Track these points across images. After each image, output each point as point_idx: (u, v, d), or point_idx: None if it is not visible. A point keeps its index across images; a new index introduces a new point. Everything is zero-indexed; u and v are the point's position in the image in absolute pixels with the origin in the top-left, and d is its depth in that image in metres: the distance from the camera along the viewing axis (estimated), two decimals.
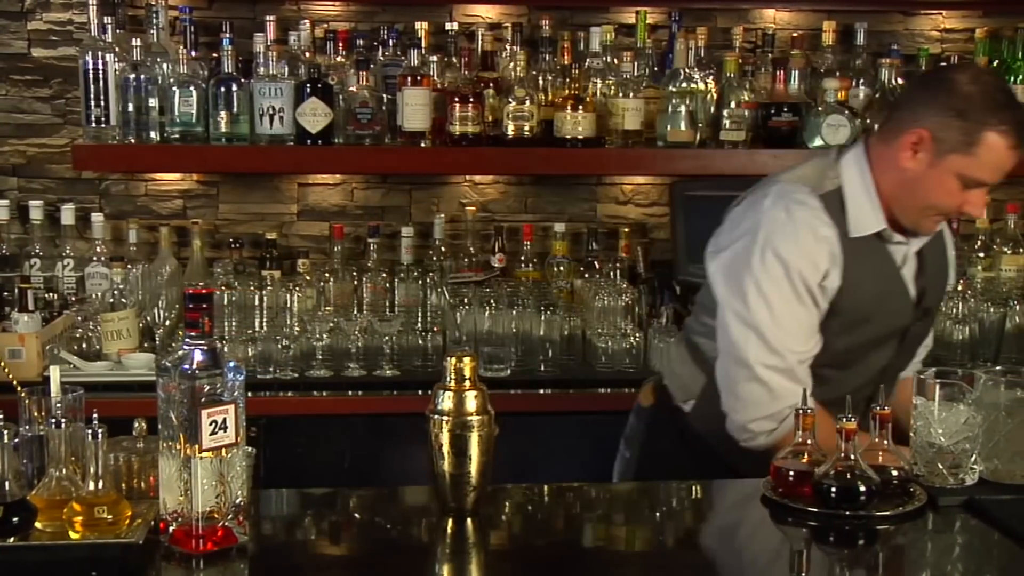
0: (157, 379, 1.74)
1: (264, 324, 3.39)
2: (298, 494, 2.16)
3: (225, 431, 1.73)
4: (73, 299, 3.49)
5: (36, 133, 3.69)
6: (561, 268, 3.70)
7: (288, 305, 3.40)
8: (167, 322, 3.35)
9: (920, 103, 2.25)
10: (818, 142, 3.52)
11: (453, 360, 1.92)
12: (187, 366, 1.72)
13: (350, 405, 3.22)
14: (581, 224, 3.85)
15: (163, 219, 3.71)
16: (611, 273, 3.66)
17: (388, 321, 3.37)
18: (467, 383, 1.92)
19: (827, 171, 2.35)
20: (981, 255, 3.74)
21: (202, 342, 1.74)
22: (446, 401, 1.91)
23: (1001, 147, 2.18)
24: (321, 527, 2.04)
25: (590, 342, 3.44)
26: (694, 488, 2.21)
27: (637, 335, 3.40)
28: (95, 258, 3.50)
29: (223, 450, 1.74)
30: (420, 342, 3.42)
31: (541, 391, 3.32)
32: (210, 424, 1.71)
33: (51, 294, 3.47)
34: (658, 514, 2.12)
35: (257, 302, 3.43)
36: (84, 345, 3.29)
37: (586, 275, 3.68)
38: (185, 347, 1.74)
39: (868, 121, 3.59)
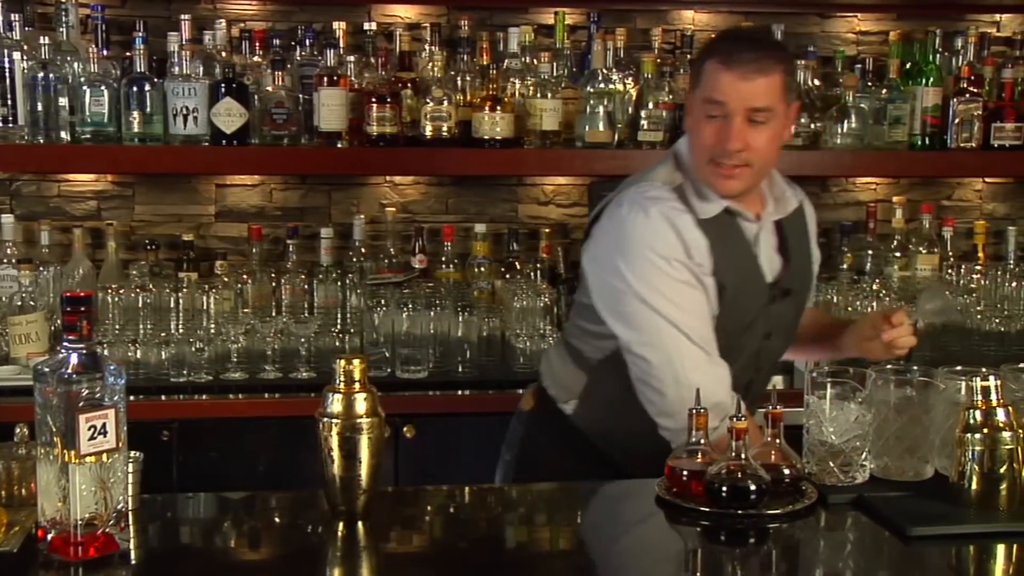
0: (35, 384, 1.71)
1: (180, 327, 3.35)
2: (190, 499, 2.13)
3: (105, 436, 1.70)
4: None
5: None
6: (482, 269, 3.69)
7: (205, 307, 3.37)
8: None
9: None
10: None
11: (342, 363, 1.90)
12: (64, 370, 1.69)
13: (265, 408, 3.20)
14: (502, 225, 3.85)
15: (77, 220, 3.66)
16: (532, 274, 3.66)
17: (304, 323, 3.35)
18: (357, 385, 1.90)
19: (670, 167, 2.40)
20: (897, 255, 3.78)
21: (81, 346, 1.71)
22: (335, 404, 1.89)
23: (715, 68, 2.26)
24: (210, 532, 2.02)
25: (509, 343, 3.43)
26: (588, 488, 2.22)
27: (555, 335, 3.40)
28: (4, 260, 3.44)
29: (104, 455, 1.71)
30: (337, 343, 3.40)
31: (459, 392, 3.32)
32: (89, 429, 1.68)
33: None
34: (548, 516, 2.11)
35: (173, 304, 3.40)
36: None
37: (507, 276, 3.68)
38: (63, 351, 1.71)
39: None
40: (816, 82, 3.75)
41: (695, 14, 3.88)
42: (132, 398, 2.98)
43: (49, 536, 1.72)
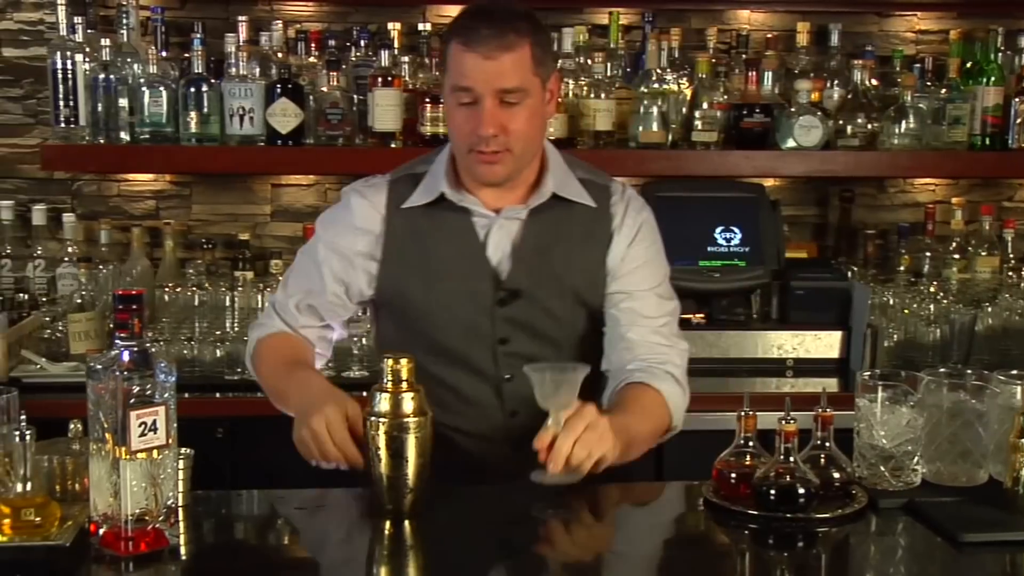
0: (87, 380, 1.74)
1: (235, 325, 3.38)
2: (240, 496, 2.15)
3: (155, 432, 1.73)
4: (44, 300, 3.49)
5: (7, 133, 3.70)
6: None
7: (259, 306, 3.40)
8: None
9: None
10: (790, 143, 3.52)
11: (390, 362, 1.91)
12: (116, 367, 1.71)
13: None
14: None
15: (135, 220, 3.71)
16: None
17: (357, 321, 3.36)
18: (404, 384, 1.91)
19: (431, 156, 2.39)
20: (956, 257, 3.73)
21: (132, 343, 1.74)
22: (382, 403, 1.90)
23: (457, 50, 2.17)
24: (259, 529, 2.04)
25: None
26: (637, 489, 2.21)
27: None
28: (66, 259, 3.50)
29: (153, 452, 1.73)
30: None
31: None
32: (139, 426, 1.71)
33: (22, 294, 3.47)
34: (595, 516, 2.11)
35: (228, 303, 3.43)
36: (52, 346, 3.30)
37: None
38: (115, 348, 1.74)
39: (840, 122, 3.58)
40: (874, 82, 3.70)
41: (751, 14, 3.85)
42: (187, 396, 3.03)
43: (101, 531, 1.75)
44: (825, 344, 3.43)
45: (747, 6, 3.85)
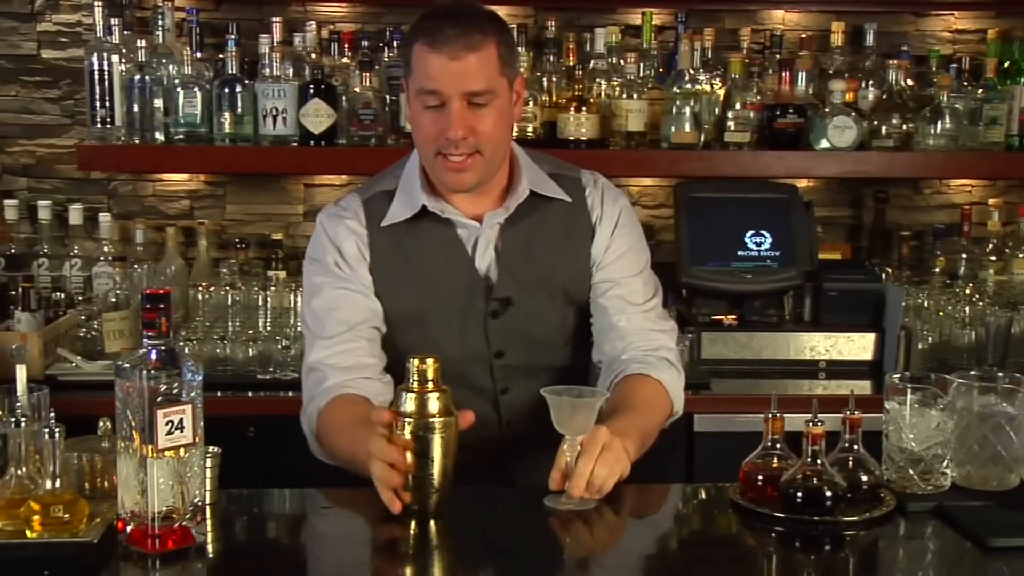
0: (115, 379, 1.75)
1: (268, 324, 3.40)
2: (268, 494, 2.16)
3: (182, 431, 1.74)
4: (80, 298, 3.52)
5: (45, 134, 3.74)
6: None
7: (292, 305, 3.41)
8: None
9: None
10: (824, 144, 3.49)
11: (416, 362, 1.91)
12: (144, 366, 1.73)
13: None
14: None
15: (170, 219, 3.75)
16: None
17: None
18: (430, 384, 1.91)
19: (394, 171, 2.33)
20: (993, 258, 3.69)
21: (159, 342, 1.75)
22: (408, 403, 1.90)
23: (421, 52, 2.11)
24: (287, 528, 2.05)
25: None
26: (662, 491, 2.21)
27: None
28: (102, 258, 3.54)
29: (180, 450, 1.75)
30: None
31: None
32: (166, 424, 1.72)
33: (58, 293, 3.50)
34: (621, 517, 2.09)
35: (261, 302, 3.45)
36: (87, 344, 3.33)
37: None
38: (143, 347, 1.75)
39: (875, 122, 3.55)
40: (909, 82, 3.67)
41: (785, 13, 3.83)
42: (219, 394, 3.05)
43: (128, 528, 1.76)
44: (858, 346, 3.40)
45: (781, 6, 3.83)
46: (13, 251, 3.52)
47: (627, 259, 2.35)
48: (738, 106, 3.54)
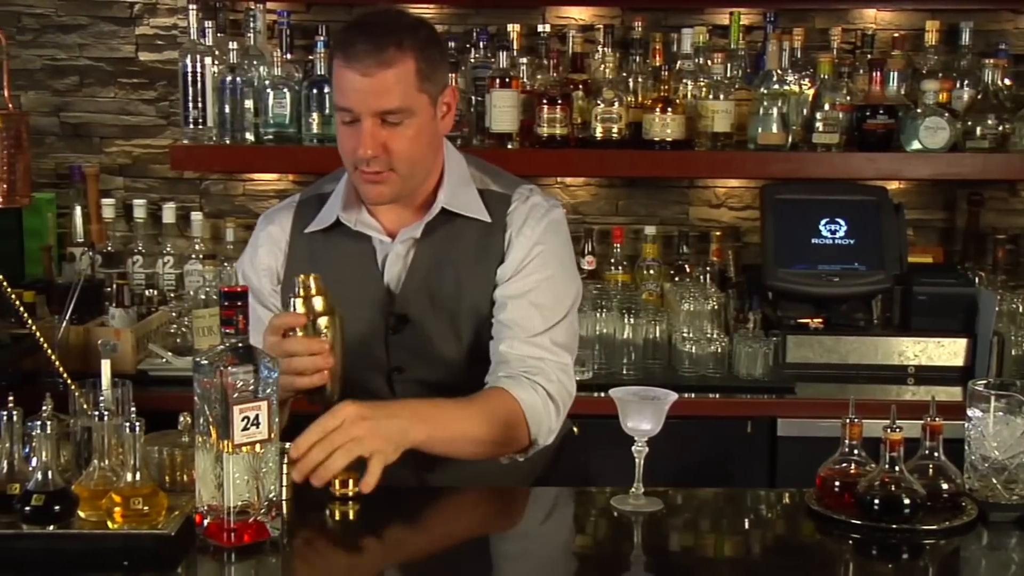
0: (194, 375, 1.79)
1: None
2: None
3: (258, 427, 1.77)
4: (172, 296, 3.60)
5: (141, 134, 3.83)
6: (651, 271, 3.67)
7: None
8: None
9: None
10: (915, 145, 3.43)
11: (301, 277, 2.02)
12: (221, 363, 1.76)
13: None
14: (673, 227, 3.82)
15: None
16: (701, 277, 3.62)
17: None
18: (313, 290, 2.02)
19: (341, 173, 2.27)
20: None
21: (237, 339, 1.78)
22: (297, 307, 2.03)
23: (337, 67, 2.06)
24: (363, 526, 2.05)
25: (675, 346, 3.40)
26: (738, 496, 2.19)
27: (723, 340, 3.35)
28: (193, 256, 3.61)
29: (256, 445, 1.78)
30: None
31: None
32: (242, 420, 1.75)
33: (152, 290, 3.59)
34: (693, 521, 2.08)
35: None
36: (178, 340, 3.40)
37: (676, 279, 3.65)
38: (220, 344, 1.79)
39: (969, 123, 3.48)
40: (1007, 82, 3.59)
41: (877, 12, 3.76)
42: None
43: (206, 521, 1.79)
44: (949, 352, 3.34)
45: (873, 5, 3.76)
46: (110, 249, 3.61)
47: (526, 280, 2.21)
48: (827, 107, 3.49)
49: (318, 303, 2.02)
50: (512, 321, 2.18)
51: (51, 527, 1.76)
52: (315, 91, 3.46)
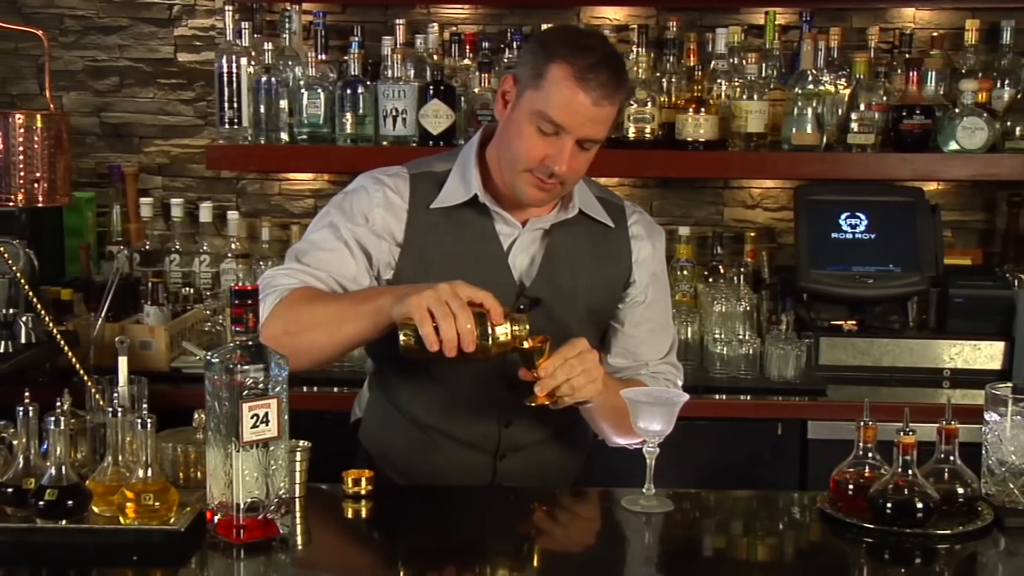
0: (205, 372, 1.81)
1: None
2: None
3: (267, 424, 1.79)
4: (208, 294, 3.64)
5: (179, 134, 3.87)
6: (685, 272, 3.65)
7: None
8: None
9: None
10: (953, 145, 3.38)
11: (528, 326, 2.00)
12: (231, 360, 1.78)
13: None
14: (707, 228, 3.80)
15: (295, 218, 3.84)
16: (735, 278, 3.60)
17: None
18: (520, 331, 1.99)
19: (448, 156, 2.31)
20: None
21: (247, 337, 1.80)
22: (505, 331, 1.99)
23: (565, 80, 2.05)
24: (373, 524, 2.07)
25: (707, 347, 3.38)
26: (752, 498, 2.17)
27: (755, 342, 3.33)
28: (229, 255, 3.65)
29: (266, 443, 1.79)
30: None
31: None
32: (251, 417, 1.77)
33: (188, 288, 3.63)
34: (711, 523, 2.08)
35: None
36: (213, 338, 3.44)
37: (710, 279, 3.63)
38: (231, 342, 1.81)
39: (1009, 123, 3.43)
40: None
41: (916, 12, 3.72)
42: (335, 390, 3.12)
43: (216, 518, 1.81)
44: (986, 355, 3.29)
45: (913, 3, 3.71)
46: (147, 247, 3.65)
47: (654, 309, 2.39)
48: (863, 107, 3.45)
49: (505, 331, 1.97)
50: (640, 354, 2.37)
51: (63, 521, 1.79)
52: (348, 91, 3.48)
